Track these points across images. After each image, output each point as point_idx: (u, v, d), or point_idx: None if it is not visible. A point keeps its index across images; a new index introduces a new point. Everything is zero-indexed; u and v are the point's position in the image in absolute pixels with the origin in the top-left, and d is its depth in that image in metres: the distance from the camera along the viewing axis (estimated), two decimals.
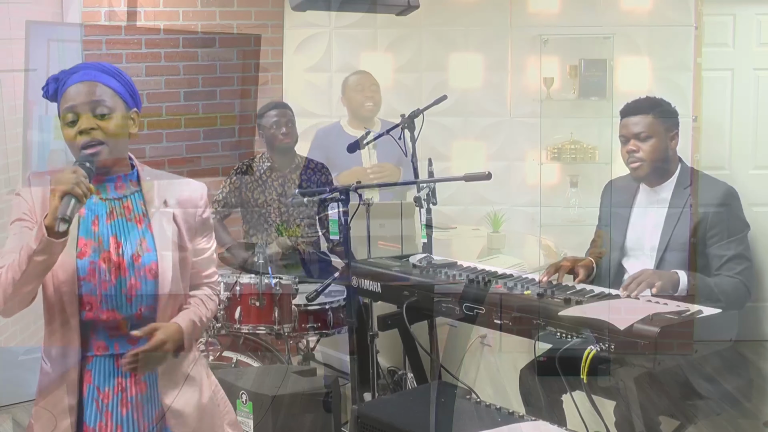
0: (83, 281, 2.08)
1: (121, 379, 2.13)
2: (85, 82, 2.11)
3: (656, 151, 3.02)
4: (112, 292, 2.10)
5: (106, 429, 2.13)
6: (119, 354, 2.12)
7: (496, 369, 4.27)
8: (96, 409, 2.12)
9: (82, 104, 2.09)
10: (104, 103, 2.10)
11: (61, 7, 4.55)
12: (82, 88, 2.11)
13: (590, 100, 4.90)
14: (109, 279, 2.10)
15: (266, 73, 5.01)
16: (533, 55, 4.85)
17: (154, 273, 2.14)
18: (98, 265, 2.10)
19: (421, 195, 3.16)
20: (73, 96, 2.10)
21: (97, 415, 2.12)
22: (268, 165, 4.24)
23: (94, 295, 2.09)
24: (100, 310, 2.10)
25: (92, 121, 2.09)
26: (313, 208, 4.23)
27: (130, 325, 2.13)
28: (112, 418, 2.13)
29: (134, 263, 2.12)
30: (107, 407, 2.13)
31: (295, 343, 4.19)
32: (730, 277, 2.87)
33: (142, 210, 2.19)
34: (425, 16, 4.79)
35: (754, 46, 4.98)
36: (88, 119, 2.09)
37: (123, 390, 2.14)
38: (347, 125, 4.77)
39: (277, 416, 3.10)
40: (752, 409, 3.29)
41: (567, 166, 4.97)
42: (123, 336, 2.13)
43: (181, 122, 4.78)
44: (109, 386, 2.13)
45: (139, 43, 4.65)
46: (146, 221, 2.18)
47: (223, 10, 4.90)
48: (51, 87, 2.14)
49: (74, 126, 2.09)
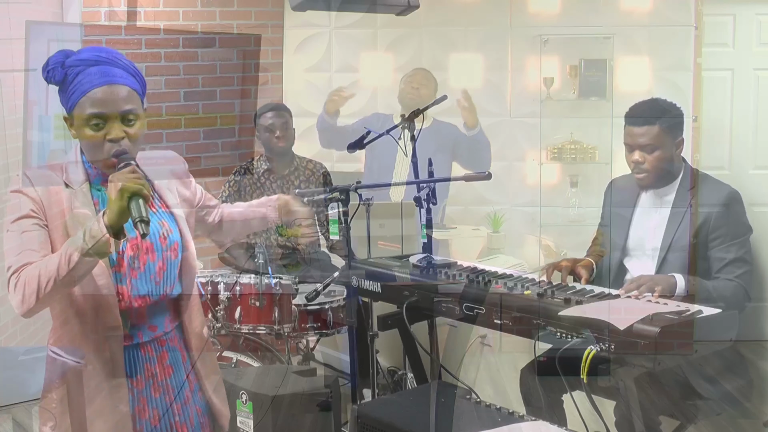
0: (114, 272, 2.09)
1: (149, 366, 2.17)
2: (114, 86, 2.04)
3: (662, 162, 2.99)
4: (142, 279, 2.13)
5: (144, 414, 2.17)
6: (144, 342, 2.16)
7: (496, 369, 4.27)
8: (131, 397, 2.15)
9: (112, 111, 2.04)
10: (133, 111, 2.07)
11: (61, 7, 4.54)
12: (113, 92, 2.04)
13: (590, 100, 4.90)
14: (138, 266, 2.12)
15: (266, 73, 5.02)
16: (533, 55, 4.85)
17: (175, 252, 2.17)
18: (126, 253, 2.11)
19: (421, 195, 3.16)
20: (102, 100, 2.03)
21: (132, 402, 2.15)
22: (267, 167, 4.23)
23: (124, 284, 2.10)
24: (131, 299, 2.12)
25: (122, 129, 2.05)
26: (313, 209, 4.23)
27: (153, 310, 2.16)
28: (148, 403, 2.17)
29: (161, 245, 2.15)
30: (141, 393, 2.16)
31: (295, 343, 4.19)
32: (729, 281, 2.86)
33: (151, 193, 2.17)
34: (425, 16, 4.79)
35: (754, 46, 4.99)
36: (118, 127, 2.05)
37: (153, 376, 2.18)
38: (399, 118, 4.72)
39: (277, 416, 3.09)
40: (752, 409, 3.29)
41: (567, 166, 4.97)
42: (144, 324, 2.16)
43: (181, 122, 4.78)
44: (140, 373, 2.16)
45: (139, 43, 4.65)
46: (158, 203, 2.20)
47: (223, 10, 4.90)
48: (59, 72, 2.06)
49: (99, 129, 2.04)
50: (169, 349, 2.21)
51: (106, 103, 2.03)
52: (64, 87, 2.07)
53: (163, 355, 2.20)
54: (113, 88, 2.04)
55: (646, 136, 2.98)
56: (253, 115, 4.36)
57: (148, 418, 2.17)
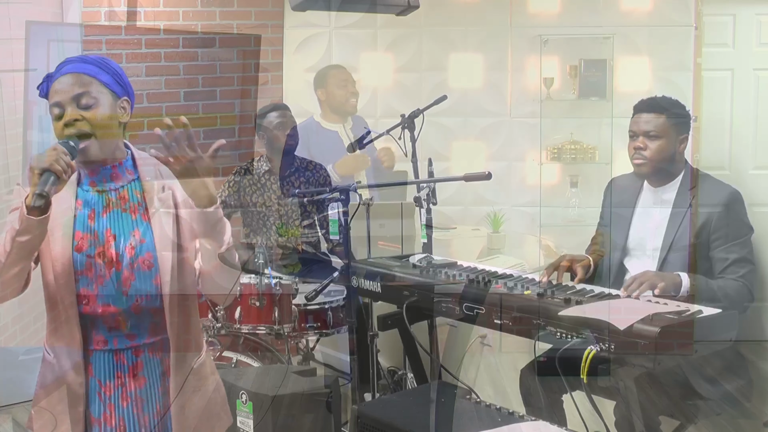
0: (80, 275, 2.10)
1: (121, 374, 2.16)
2: (68, 75, 2.09)
3: (662, 152, 3.01)
4: (107, 287, 2.11)
5: (110, 420, 2.16)
6: (118, 349, 2.15)
7: (496, 369, 4.27)
8: (99, 401, 2.15)
9: (66, 97, 2.07)
10: (88, 94, 2.08)
11: (61, 7, 4.55)
12: (66, 81, 2.09)
13: (590, 100, 4.90)
14: (104, 273, 2.11)
15: (266, 73, 5.01)
16: (533, 55, 4.85)
17: (148, 264, 2.13)
18: (94, 259, 2.11)
19: (421, 195, 3.16)
20: (57, 90, 2.08)
21: (100, 407, 2.15)
22: (267, 168, 4.23)
23: (90, 289, 2.10)
24: (96, 305, 2.11)
25: (77, 113, 2.07)
26: (313, 209, 4.23)
27: (128, 318, 2.14)
28: (115, 411, 2.16)
29: (128, 256, 2.13)
30: (109, 399, 2.16)
31: (295, 343, 4.19)
32: (733, 280, 2.86)
33: (138, 199, 2.18)
34: (425, 16, 4.80)
35: (754, 46, 4.99)
36: (72, 111, 2.07)
37: (123, 384, 2.16)
38: (322, 119, 4.69)
39: (277, 416, 3.09)
40: (752, 409, 3.28)
41: (567, 166, 4.97)
42: (121, 331, 2.15)
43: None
44: (110, 380, 2.15)
45: (139, 43, 4.65)
46: (141, 210, 2.17)
47: (223, 10, 4.90)
48: (45, 86, 2.13)
49: (59, 118, 2.08)
50: (146, 359, 2.18)
51: (59, 91, 2.08)
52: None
53: (137, 364, 2.17)
54: (68, 76, 2.09)
55: (652, 123, 3.00)
56: (253, 114, 4.34)
57: (114, 426, 2.16)
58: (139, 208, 2.17)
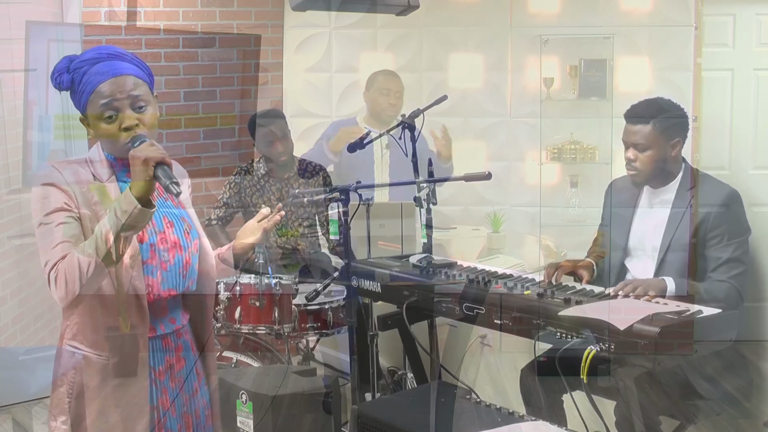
0: (146, 264, 2.12)
1: (169, 357, 2.21)
2: (119, 77, 2.10)
3: (653, 162, 3.00)
4: (171, 272, 2.16)
5: (166, 404, 2.20)
6: (165, 334, 2.20)
7: (496, 369, 4.27)
8: (155, 388, 2.18)
9: (122, 101, 2.08)
10: (141, 97, 2.11)
11: (61, 7, 4.54)
12: (119, 83, 2.09)
13: (590, 100, 4.90)
14: (168, 259, 2.16)
15: (266, 73, 5.01)
16: (533, 55, 4.85)
17: (197, 247, 2.23)
18: (157, 246, 2.14)
19: (421, 195, 3.16)
20: (111, 92, 2.08)
21: (156, 393, 2.18)
22: (267, 170, 4.22)
23: (154, 277, 2.13)
24: (160, 291, 2.15)
25: (134, 117, 2.09)
26: (313, 209, 4.23)
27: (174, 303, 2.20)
28: (168, 394, 2.20)
29: (186, 239, 2.20)
30: (162, 384, 2.19)
31: (295, 343, 4.19)
32: (720, 282, 2.85)
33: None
34: (425, 16, 4.80)
35: (754, 46, 4.98)
36: (130, 116, 2.09)
37: (170, 367, 2.22)
38: (362, 121, 4.71)
39: (277, 416, 3.10)
40: (752, 409, 3.29)
41: (567, 166, 4.97)
42: (165, 316, 2.20)
43: (181, 122, 4.78)
44: (161, 364, 2.19)
45: (139, 43, 4.64)
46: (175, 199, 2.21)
47: (223, 10, 4.90)
48: (66, 78, 2.11)
49: (112, 121, 2.08)
50: (183, 341, 2.25)
51: (114, 95, 2.08)
52: (73, 90, 2.12)
53: (179, 346, 2.24)
54: (118, 79, 2.10)
55: (639, 134, 2.99)
56: (249, 122, 4.31)
57: (168, 409, 2.20)
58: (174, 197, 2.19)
